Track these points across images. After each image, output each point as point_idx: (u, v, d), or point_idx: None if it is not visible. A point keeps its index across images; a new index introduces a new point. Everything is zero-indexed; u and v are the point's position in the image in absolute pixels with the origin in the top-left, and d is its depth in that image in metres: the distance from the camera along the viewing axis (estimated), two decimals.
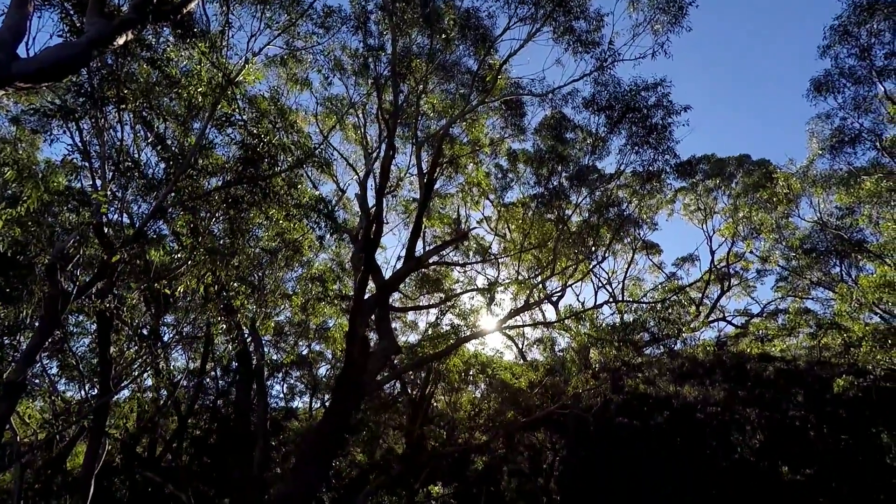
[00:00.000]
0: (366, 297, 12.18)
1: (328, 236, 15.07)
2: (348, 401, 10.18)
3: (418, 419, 17.30)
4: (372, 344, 13.34)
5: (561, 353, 18.76)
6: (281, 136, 10.60)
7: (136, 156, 9.95)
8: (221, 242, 11.16)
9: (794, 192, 15.59)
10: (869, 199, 13.06)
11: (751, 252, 19.91)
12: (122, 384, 9.46)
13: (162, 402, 17.07)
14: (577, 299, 20.90)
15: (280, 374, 21.81)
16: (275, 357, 20.55)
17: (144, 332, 12.17)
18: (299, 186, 12.37)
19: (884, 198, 12.83)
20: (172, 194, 9.07)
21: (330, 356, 22.71)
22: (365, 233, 12.52)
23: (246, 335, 12.27)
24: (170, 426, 19.42)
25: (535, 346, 21.54)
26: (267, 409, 12.54)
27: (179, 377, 18.49)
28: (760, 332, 20.42)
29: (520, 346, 22.09)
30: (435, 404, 23.01)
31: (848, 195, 13.20)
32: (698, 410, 17.89)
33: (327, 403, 20.93)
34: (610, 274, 21.61)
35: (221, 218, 10.48)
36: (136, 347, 10.33)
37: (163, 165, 9.47)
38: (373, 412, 19.21)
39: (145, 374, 11.84)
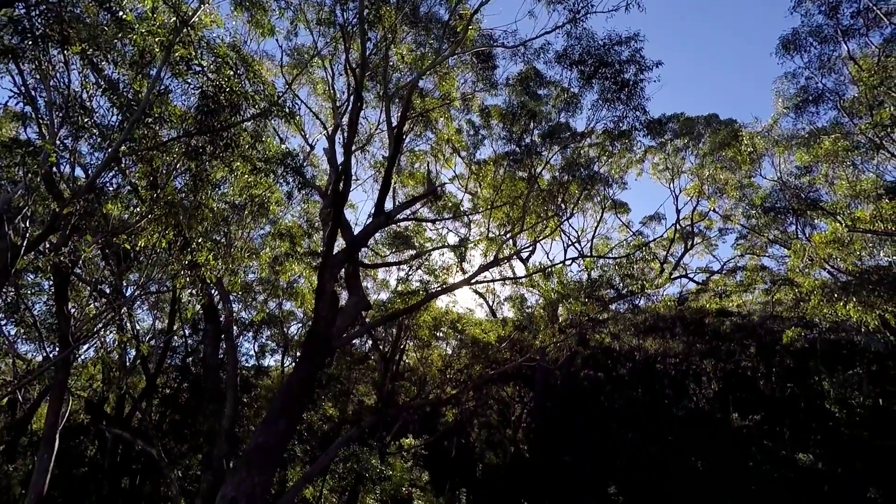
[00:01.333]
0: (335, 252, 12.10)
1: (296, 192, 14.74)
2: (317, 355, 10.23)
3: (389, 374, 17.62)
4: (342, 301, 13.35)
5: (530, 310, 19.19)
6: (244, 84, 10.14)
7: (87, 102, 9.38)
8: (183, 196, 10.79)
9: (757, 152, 15.96)
10: (826, 159, 13.48)
11: (714, 211, 20.51)
12: (84, 340, 9.24)
13: (129, 361, 16.86)
14: (548, 257, 21.30)
15: (250, 333, 21.71)
16: (244, 315, 20.40)
17: (106, 289, 11.84)
18: (265, 139, 11.98)
19: (840, 157, 13.26)
20: (127, 144, 8.64)
21: (301, 315, 22.68)
22: (333, 187, 12.28)
23: (213, 292, 12.08)
24: (138, 385, 19.28)
25: (504, 303, 21.98)
26: (237, 365, 12.51)
27: (147, 336, 18.24)
28: (719, 288, 21.30)
29: (490, 303, 22.49)
30: (406, 361, 23.45)
31: (807, 154, 13.60)
32: (659, 362, 18.76)
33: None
34: (579, 232, 21.99)
35: (182, 170, 10.09)
36: (97, 303, 10.05)
37: (116, 113, 8.97)
38: (344, 368, 19.46)
39: (108, 332, 11.60)
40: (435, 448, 23.07)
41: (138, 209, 9.53)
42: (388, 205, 15.63)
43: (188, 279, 9.29)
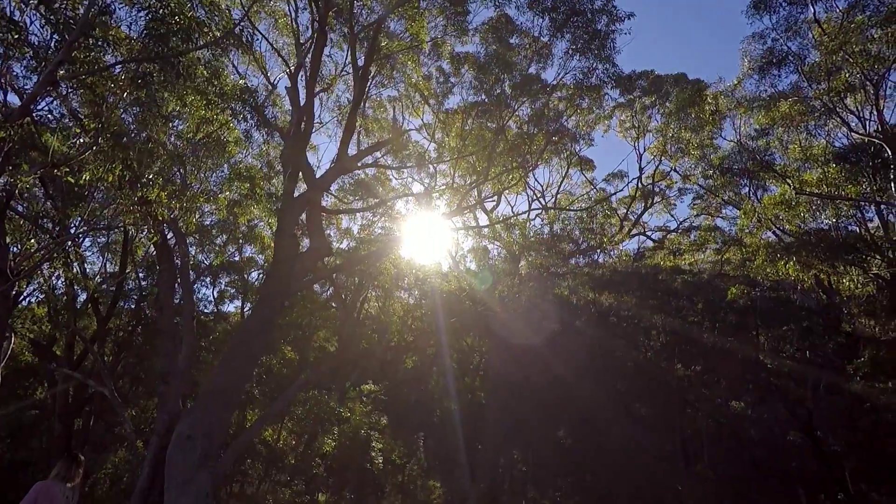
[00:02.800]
0: (296, 196, 11.81)
1: (255, 132, 14.15)
2: (276, 297, 10.14)
3: (350, 321, 17.74)
4: (304, 247, 13.17)
5: (492, 262, 19.50)
6: (197, 10, 9.43)
7: (18, 20, 8.53)
8: (133, 130, 10.17)
9: (720, 112, 16.27)
10: (783, 122, 13.87)
11: (675, 170, 21.04)
12: (24, 275, 8.81)
13: (79, 304, 16.29)
14: (512, 211, 21.52)
15: (208, 277, 21.26)
16: (202, 259, 19.90)
17: (49, 224, 11.24)
18: (221, 73, 11.30)
19: (795, 121, 13.67)
20: (66, 67, 7.98)
21: (262, 261, 22.30)
22: (295, 128, 11.83)
23: (167, 232, 11.66)
24: (90, 328, 18.75)
25: (468, 255, 22.22)
26: (193, 307, 12.29)
27: (97, 278, 17.56)
28: (674, 247, 22.14)
29: (454, 255, 22.69)
30: (369, 310, 23.63)
31: (765, 117, 13.94)
32: (612, 316, 19.57)
33: None
34: (544, 187, 22.17)
35: (130, 101, 9.45)
36: (39, 239, 9.55)
37: (51, 32, 8.22)
38: (305, 314, 19.46)
39: (54, 270, 11.10)
40: (394, 394, 23.69)
41: (82, 140, 8.93)
42: (353, 150, 15.26)
43: (139, 216, 8.89)
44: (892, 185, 11.12)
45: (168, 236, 12.37)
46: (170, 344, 10.61)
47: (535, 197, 22.49)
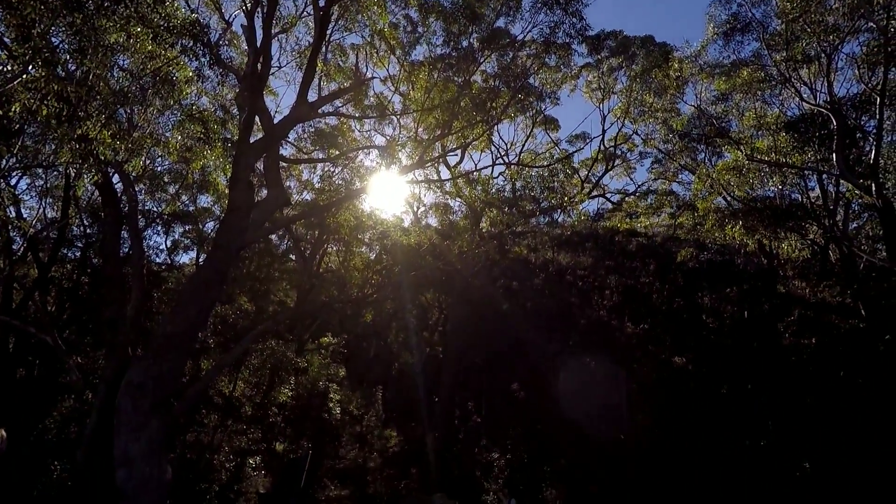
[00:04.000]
0: (252, 141, 11.32)
1: (208, 70, 13.29)
2: (230, 246, 9.86)
3: (309, 274, 17.55)
4: (262, 197, 12.72)
5: (454, 217, 19.52)
6: None
7: None
8: (69, 60, 9.36)
9: (683, 77, 16.46)
10: (741, 89, 14.20)
11: (636, 133, 21.34)
12: None
13: (17, 250, 15.36)
14: (476, 168, 21.37)
15: (160, 225, 20.41)
16: (152, 206, 19.03)
17: None
18: (168, 3, 10.45)
19: (753, 89, 14.00)
20: None
21: (218, 211, 21.55)
22: (251, 68, 11.19)
23: (112, 175, 11.01)
24: (32, 276, 17.81)
25: (430, 211, 22.14)
26: (143, 255, 11.80)
27: (36, 224, 16.55)
28: (631, 210, 22.75)
29: (415, 210, 22.57)
30: (329, 264, 23.39)
31: (726, 83, 14.21)
32: (569, 275, 20.17)
33: None
34: (509, 145, 22.09)
35: (64, 26, 8.64)
36: None
37: None
38: (264, 266, 19.10)
39: None
40: (354, 347, 23.91)
41: (9, 67, 8.15)
42: (313, 97, 14.65)
43: (78, 155, 8.32)
44: (834, 155, 11.67)
45: (114, 181, 11.69)
46: (117, 292, 10.23)
47: (499, 155, 22.44)
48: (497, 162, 20.09)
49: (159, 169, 19.22)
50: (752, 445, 22.21)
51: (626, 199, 23.06)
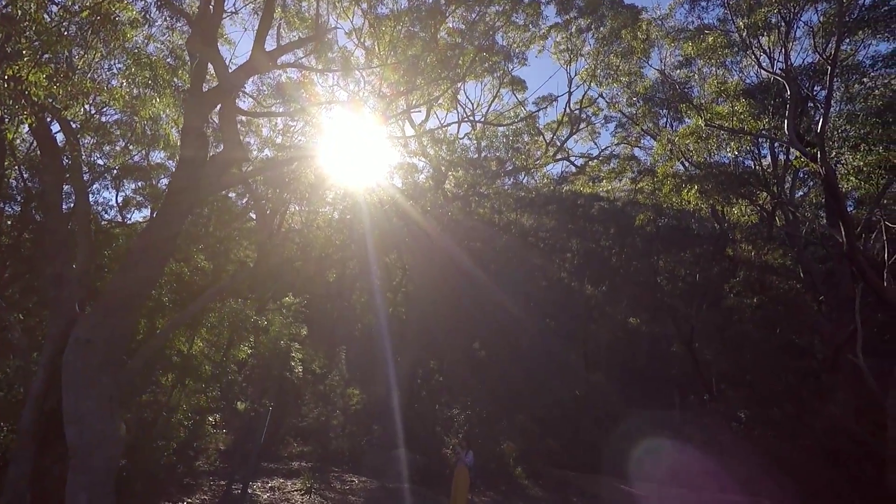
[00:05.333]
0: (206, 91, 10.74)
1: (155, 10, 12.38)
2: (183, 200, 9.48)
3: (270, 233, 17.12)
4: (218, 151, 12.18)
5: (419, 178, 19.33)
6: None
7: None
8: None
9: (650, 41, 16.48)
10: (705, 55, 14.35)
11: (601, 97, 21.41)
12: None
13: None
14: (441, 125, 21.05)
15: (109, 180, 19.39)
16: (98, 160, 17.99)
17: None
18: None
19: (717, 55, 14.18)
20: None
21: (172, 167, 20.58)
22: (202, 9, 10.49)
23: (49, 120, 10.28)
24: None
25: (395, 170, 21.80)
26: (88, 209, 11.20)
27: None
28: (594, 174, 23.07)
29: (380, 169, 22.17)
30: (291, 224, 22.89)
31: (692, 47, 14.30)
32: (532, 237, 20.45)
33: None
34: (475, 105, 21.80)
35: None
36: None
37: None
38: (221, 224, 18.52)
39: None
40: (317, 307, 23.77)
41: None
42: (273, 46, 13.93)
43: (8, 96, 7.69)
44: (786, 123, 12.05)
45: (55, 130, 10.94)
46: (61, 247, 9.73)
47: (465, 115, 22.14)
48: (462, 120, 19.83)
49: (105, 120, 18.10)
50: (698, 400, 23.72)
51: (590, 163, 23.35)
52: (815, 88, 14.22)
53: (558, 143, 22.33)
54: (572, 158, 23.36)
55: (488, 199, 19.36)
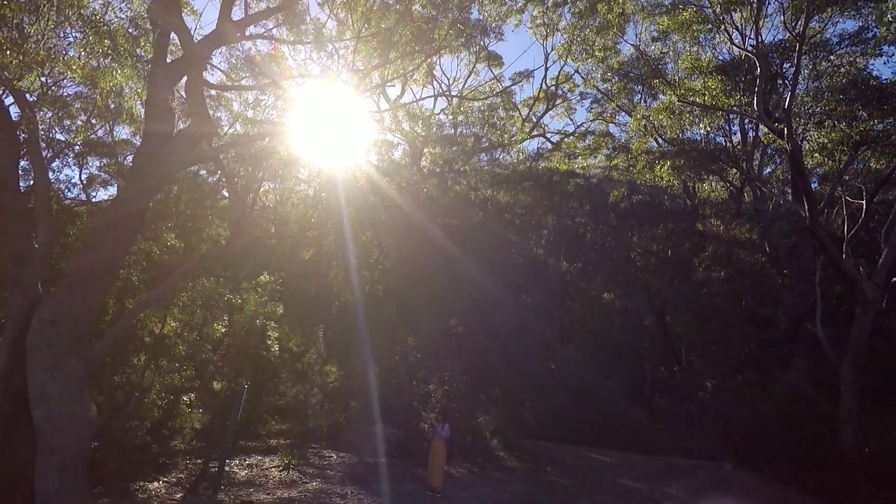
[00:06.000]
0: (170, 62, 10.34)
1: None
2: (148, 177, 9.20)
3: (243, 210, 16.77)
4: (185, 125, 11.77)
5: (395, 155, 19.11)
6: None
7: None
8: None
9: (626, 16, 16.43)
10: (680, 29, 14.38)
11: (577, 72, 21.35)
12: None
13: None
14: (417, 103, 20.78)
15: (70, 157, 18.65)
16: (60, 136, 17.27)
17: None
18: None
19: (692, 30, 14.23)
20: None
21: (139, 143, 19.88)
22: None
23: (1, 92, 9.76)
24: None
25: (371, 148, 21.51)
26: (48, 185, 10.80)
27: None
28: (570, 150, 23.15)
29: (355, 146, 21.83)
30: (266, 202, 22.45)
31: (670, 20, 14.28)
32: (508, 213, 20.54)
33: None
34: (451, 81, 21.53)
35: None
36: None
37: None
38: (193, 202, 18.06)
39: None
40: (293, 286, 23.53)
41: None
42: (240, 15, 13.43)
43: None
44: (755, 99, 12.26)
45: (9, 103, 10.39)
46: (20, 224, 9.35)
47: (441, 90, 21.87)
48: (438, 95, 19.59)
49: (64, 93, 17.34)
50: (668, 371, 24.53)
51: (566, 139, 23.39)
52: (785, 65, 14.43)
53: (534, 120, 22.28)
54: (548, 135, 23.40)
55: (465, 175, 19.31)
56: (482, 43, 19.93)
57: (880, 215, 13.69)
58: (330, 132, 18.96)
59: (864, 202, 12.33)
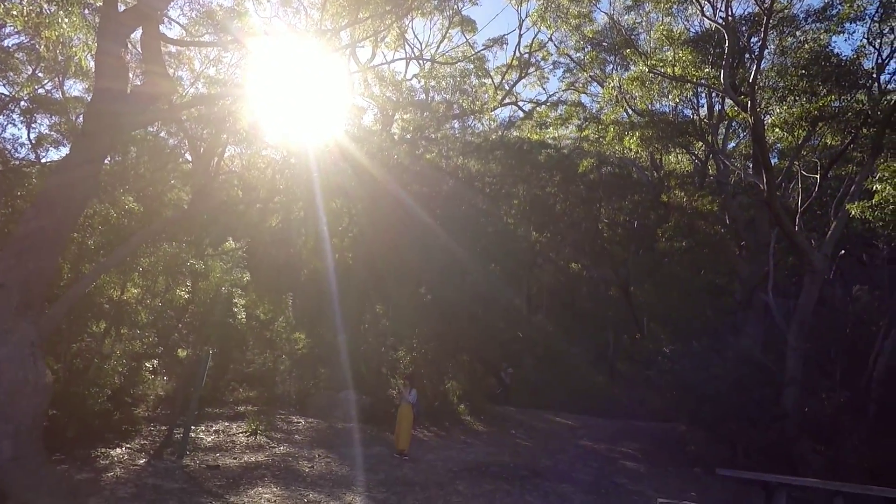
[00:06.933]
0: (122, 10, 9.72)
1: None
2: (101, 135, 8.75)
3: (206, 174, 16.20)
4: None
5: (367, 122, 18.68)
6: None
7: None
8: None
9: None
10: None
11: (550, 40, 21.13)
12: None
13: None
14: (388, 66, 20.20)
15: (15, 114, 17.55)
16: (1, 88, 16.19)
17: None
18: None
19: (663, 3, 14.19)
20: None
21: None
22: None
23: None
24: None
25: (341, 112, 20.90)
26: None
27: None
28: (542, 119, 23.09)
29: (325, 109, 21.21)
30: (231, 167, 21.72)
31: None
32: (478, 181, 20.50)
33: None
34: (423, 46, 20.97)
35: None
36: None
37: None
38: (153, 165, 17.34)
39: None
40: (261, 253, 23.10)
41: None
42: None
43: None
44: (722, 72, 12.42)
45: None
46: None
47: (413, 55, 21.32)
48: (410, 58, 19.10)
49: (6, 44, 16.22)
50: (630, 338, 25.43)
51: (538, 108, 23.28)
52: (753, 40, 14.59)
53: (507, 88, 22.03)
54: (520, 103, 23.22)
55: (436, 143, 19.08)
56: (456, 6, 19.43)
57: (832, 190, 14.28)
58: (297, 95, 18.35)
59: (818, 177, 12.80)
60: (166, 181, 18.53)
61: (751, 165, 16.09)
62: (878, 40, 12.24)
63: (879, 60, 12.31)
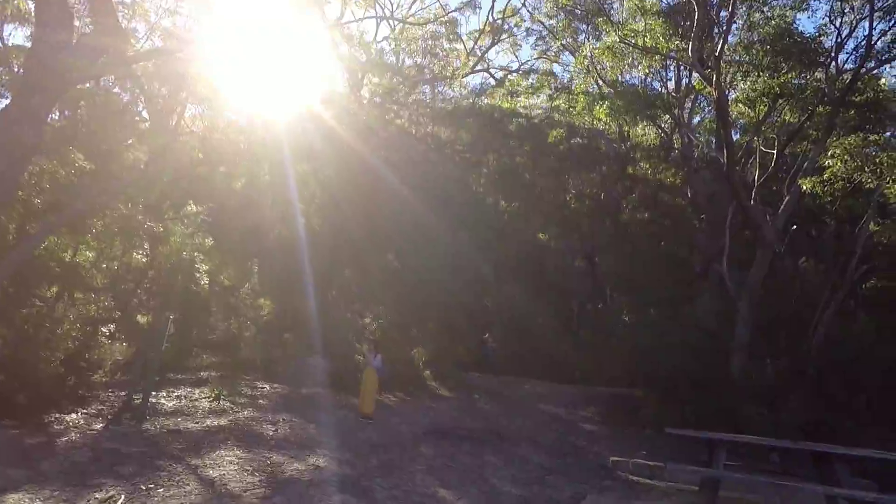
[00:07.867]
0: None
1: None
2: (43, 86, 8.23)
3: (164, 132, 15.53)
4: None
5: (336, 85, 18.08)
6: None
7: None
8: None
9: None
10: None
11: (524, 6, 20.75)
12: None
13: None
14: (357, 25, 19.48)
15: None
16: None
17: None
18: None
19: None
20: None
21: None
22: None
23: None
24: None
25: (308, 73, 20.16)
26: None
27: None
28: (514, 88, 22.87)
29: (293, 70, 20.42)
30: (192, 129, 20.79)
31: None
32: (448, 149, 20.31)
33: None
34: (395, 7, 20.26)
35: None
36: None
37: None
38: (105, 123, 16.44)
39: None
40: (225, 218, 22.48)
41: None
42: None
43: None
44: (690, 45, 12.50)
45: None
46: None
47: (383, 17, 20.61)
48: (380, 17, 18.47)
49: None
50: (593, 308, 26.15)
51: (510, 76, 23.03)
52: (723, 14, 14.67)
53: (479, 54, 21.65)
54: (492, 70, 22.90)
55: (406, 107, 18.71)
56: None
57: (788, 166, 14.78)
58: (262, 52, 17.56)
59: (775, 153, 13.20)
60: (122, 140, 17.65)
61: (714, 140, 16.43)
62: (840, 19, 12.50)
63: (839, 40, 12.62)
